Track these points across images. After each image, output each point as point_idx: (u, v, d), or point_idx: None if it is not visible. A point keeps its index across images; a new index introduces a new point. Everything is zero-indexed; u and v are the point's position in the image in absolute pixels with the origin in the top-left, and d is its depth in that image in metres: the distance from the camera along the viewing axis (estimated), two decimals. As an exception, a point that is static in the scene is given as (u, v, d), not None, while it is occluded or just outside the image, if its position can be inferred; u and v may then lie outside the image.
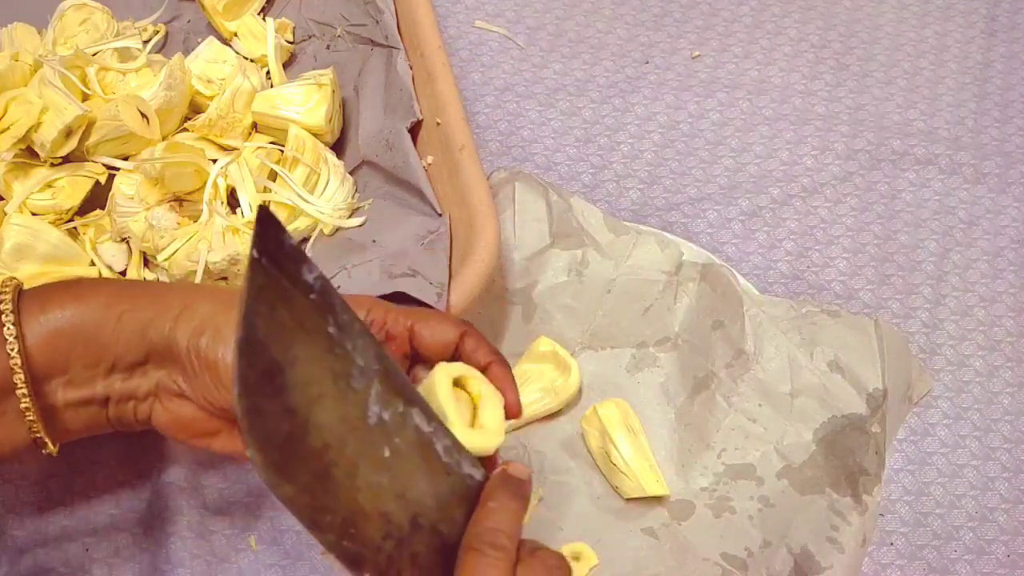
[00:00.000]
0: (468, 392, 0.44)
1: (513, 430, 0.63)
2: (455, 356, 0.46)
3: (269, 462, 0.32)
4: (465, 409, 0.43)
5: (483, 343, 0.47)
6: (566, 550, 0.59)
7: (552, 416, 0.65)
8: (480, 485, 0.40)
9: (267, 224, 0.35)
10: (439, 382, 0.42)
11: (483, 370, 0.45)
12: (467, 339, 0.46)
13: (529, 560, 0.39)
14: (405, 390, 0.38)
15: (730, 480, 0.62)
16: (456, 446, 0.40)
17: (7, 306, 0.42)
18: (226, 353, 0.42)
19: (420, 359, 0.47)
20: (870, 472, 0.62)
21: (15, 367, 0.42)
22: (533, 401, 0.63)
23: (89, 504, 0.61)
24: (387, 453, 0.36)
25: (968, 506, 0.63)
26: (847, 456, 0.62)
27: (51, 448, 0.45)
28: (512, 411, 0.45)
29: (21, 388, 0.42)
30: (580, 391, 0.65)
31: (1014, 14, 0.89)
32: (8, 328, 0.42)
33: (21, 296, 0.43)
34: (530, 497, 0.41)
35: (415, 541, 0.36)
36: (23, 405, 0.43)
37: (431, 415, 0.39)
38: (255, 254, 0.34)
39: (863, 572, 0.61)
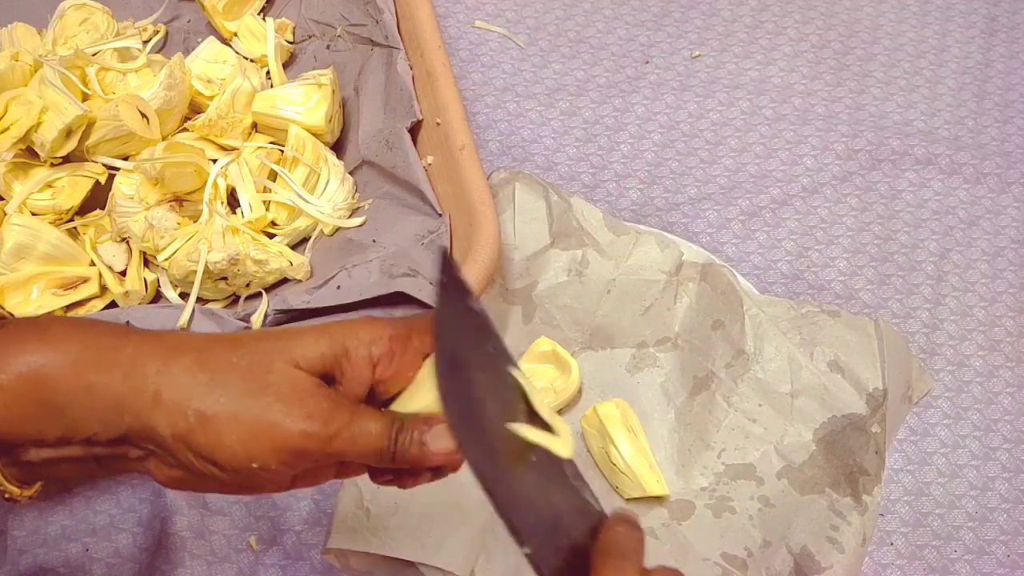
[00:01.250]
0: None
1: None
2: None
3: (460, 425, 0.37)
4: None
5: None
6: None
7: (552, 416, 0.65)
8: (599, 514, 0.42)
9: (448, 262, 0.39)
10: (431, 380, 0.42)
11: None
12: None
13: (654, 569, 0.40)
14: (538, 417, 0.42)
15: (730, 480, 0.62)
16: (579, 475, 0.43)
17: None
18: (221, 443, 0.38)
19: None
20: (870, 472, 0.62)
21: None
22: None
23: (89, 504, 0.61)
24: (533, 459, 0.40)
25: (968, 506, 0.63)
26: (847, 456, 0.62)
27: (24, 498, 0.40)
28: None
29: None
30: (580, 391, 0.65)
31: (1014, 14, 0.89)
32: None
33: None
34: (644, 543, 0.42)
35: (557, 537, 0.40)
36: None
37: None
38: (443, 279, 0.38)
39: (863, 572, 0.61)
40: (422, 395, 0.42)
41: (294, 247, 0.69)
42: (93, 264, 0.66)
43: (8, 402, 0.37)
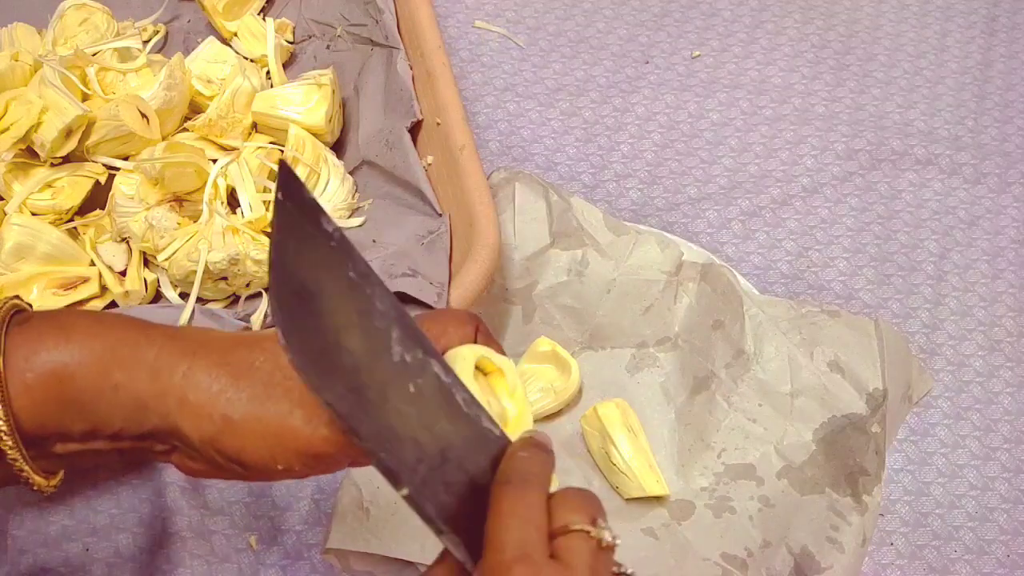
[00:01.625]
0: (486, 375, 0.43)
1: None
2: None
3: (309, 367, 0.35)
4: (483, 389, 0.42)
5: (492, 340, 0.45)
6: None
7: (552, 416, 0.65)
8: (501, 440, 0.40)
9: (288, 176, 0.37)
10: (462, 366, 0.41)
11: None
12: (480, 336, 0.44)
13: (561, 492, 0.38)
14: (422, 341, 0.39)
15: (730, 480, 0.62)
16: (475, 401, 0.40)
17: None
18: (246, 447, 0.38)
19: None
20: (870, 472, 0.62)
21: (1, 434, 0.37)
22: (533, 401, 0.63)
23: (89, 504, 0.61)
24: (412, 389, 0.38)
25: (968, 506, 0.63)
26: (847, 456, 0.62)
27: (48, 488, 0.40)
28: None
29: (10, 452, 0.37)
30: (580, 391, 0.65)
31: (1014, 14, 0.89)
32: None
33: (8, 337, 0.38)
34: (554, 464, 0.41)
35: (447, 471, 0.37)
36: (10, 457, 0.38)
37: (448, 368, 0.40)
38: (280, 197, 0.36)
39: (863, 572, 0.61)
40: None
41: (294, 247, 0.68)
42: (93, 264, 0.66)
43: (34, 399, 0.38)
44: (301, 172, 0.68)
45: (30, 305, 0.41)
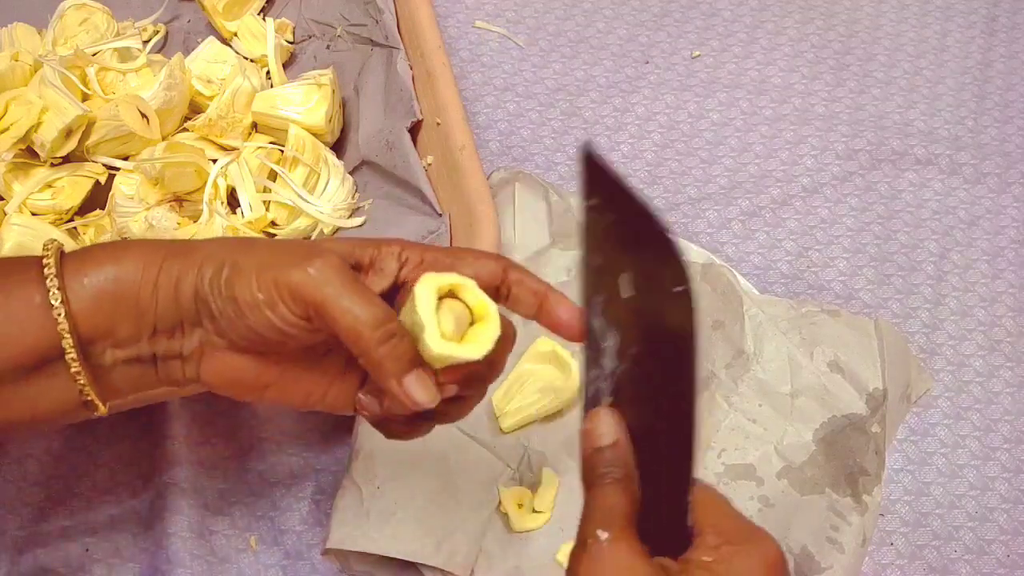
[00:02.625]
0: (467, 305, 0.43)
1: (515, 429, 0.63)
2: (500, 292, 0.45)
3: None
4: (460, 321, 0.42)
5: (528, 275, 0.45)
6: (567, 550, 0.58)
7: (552, 416, 0.65)
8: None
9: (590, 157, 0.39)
10: (420, 291, 0.41)
11: (539, 302, 0.45)
12: (511, 271, 0.45)
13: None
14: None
15: (730, 480, 0.62)
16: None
17: (51, 270, 0.42)
18: (243, 285, 0.42)
19: None
20: (870, 472, 0.62)
21: (63, 332, 0.42)
22: (533, 401, 0.63)
23: (89, 504, 0.61)
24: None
25: (968, 506, 0.63)
26: (847, 456, 0.62)
27: (102, 409, 0.44)
28: (570, 330, 0.44)
29: (70, 352, 0.42)
30: (580, 391, 0.65)
31: (1014, 14, 0.89)
32: (53, 293, 0.42)
33: (63, 260, 0.43)
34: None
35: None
36: (73, 369, 0.42)
37: None
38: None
39: (863, 572, 0.61)
40: (407, 309, 0.41)
41: (294, 247, 0.68)
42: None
43: (90, 304, 0.42)
44: (301, 172, 0.68)
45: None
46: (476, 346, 0.42)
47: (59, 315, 0.42)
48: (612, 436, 0.40)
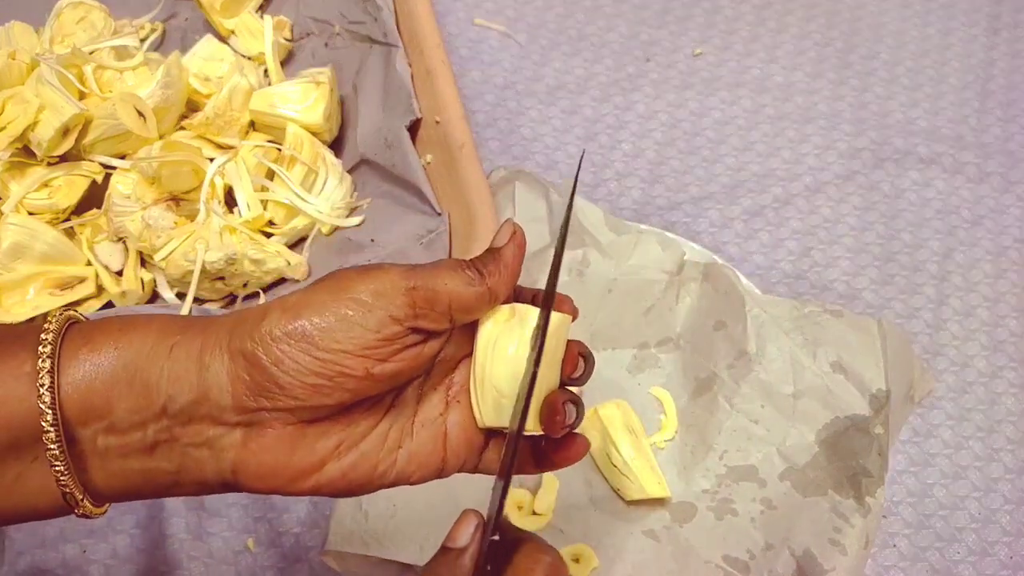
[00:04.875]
0: None
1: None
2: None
3: None
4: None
5: (522, 289, 0.43)
6: (567, 552, 0.58)
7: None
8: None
9: None
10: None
11: (533, 301, 0.42)
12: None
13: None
14: None
15: (732, 482, 0.62)
16: None
17: (46, 348, 0.36)
18: (308, 314, 0.36)
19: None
20: (873, 473, 0.61)
21: (45, 415, 0.35)
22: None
23: (86, 505, 0.60)
24: None
25: (971, 508, 0.63)
26: (850, 457, 0.62)
27: (88, 507, 0.37)
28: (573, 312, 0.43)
29: (48, 432, 0.36)
30: (581, 392, 0.65)
31: (1017, 12, 0.88)
32: (42, 378, 0.36)
33: (66, 333, 0.37)
34: None
35: None
36: (51, 453, 0.36)
37: None
38: None
39: (866, 574, 0.60)
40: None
41: (292, 247, 0.68)
42: (90, 264, 0.66)
43: (85, 382, 0.36)
44: (299, 171, 0.68)
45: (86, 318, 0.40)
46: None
47: (42, 386, 0.36)
48: (465, 542, 0.39)
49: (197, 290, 0.63)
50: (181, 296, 0.65)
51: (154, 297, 0.66)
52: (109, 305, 0.65)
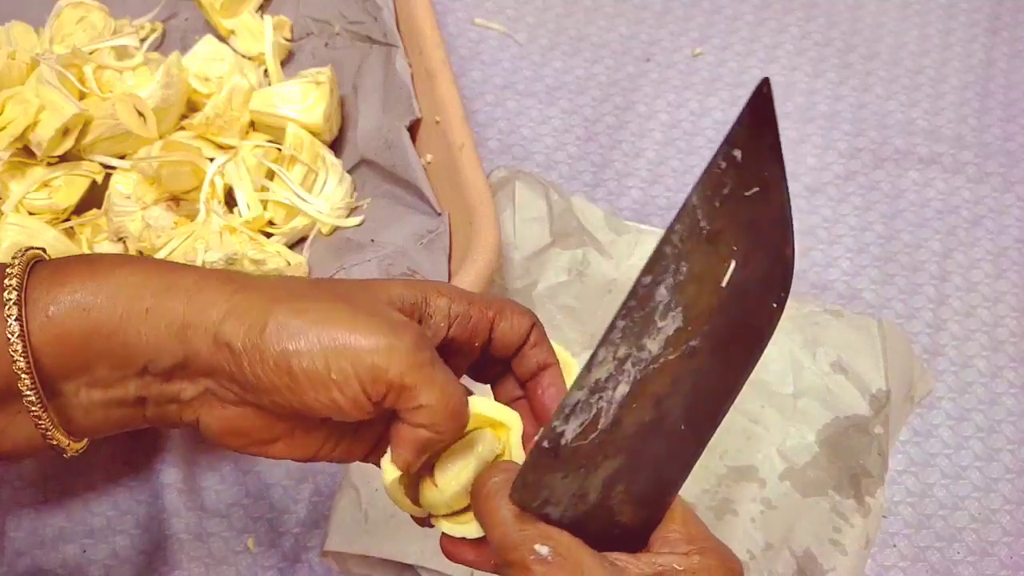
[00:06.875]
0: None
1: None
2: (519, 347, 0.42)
3: None
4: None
5: (545, 340, 0.43)
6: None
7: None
8: None
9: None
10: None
11: (535, 372, 0.42)
12: (534, 332, 0.42)
13: None
14: None
15: (732, 482, 0.62)
16: None
17: (11, 295, 0.35)
18: (300, 349, 0.35)
19: (493, 349, 0.42)
20: (873, 474, 0.61)
21: (19, 371, 0.35)
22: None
23: (87, 506, 0.60)
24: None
25: (971, 508, 0.63)
26: (850, 457, 0.62)
27: (72, 449, 0.38)
28: (541, 417, 0.42)
29: (28, 395, 0.35)
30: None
31: (1017, 12, 0.88)
32: (10, 326, 0.34)
33: (31, 275, 0.36)
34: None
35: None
36: (33, 412, 0.35)
37: None
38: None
39: (866, 574, 0.60)
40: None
41: (292, 247, 0.68)
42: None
43: (56, 333, 0.35)
44: (299, 171, 0.68)
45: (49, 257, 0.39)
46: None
47: (15, 350, 0.35)
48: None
49: (197, 290, 0.63)
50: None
51: (154, 297, 0.66)
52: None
